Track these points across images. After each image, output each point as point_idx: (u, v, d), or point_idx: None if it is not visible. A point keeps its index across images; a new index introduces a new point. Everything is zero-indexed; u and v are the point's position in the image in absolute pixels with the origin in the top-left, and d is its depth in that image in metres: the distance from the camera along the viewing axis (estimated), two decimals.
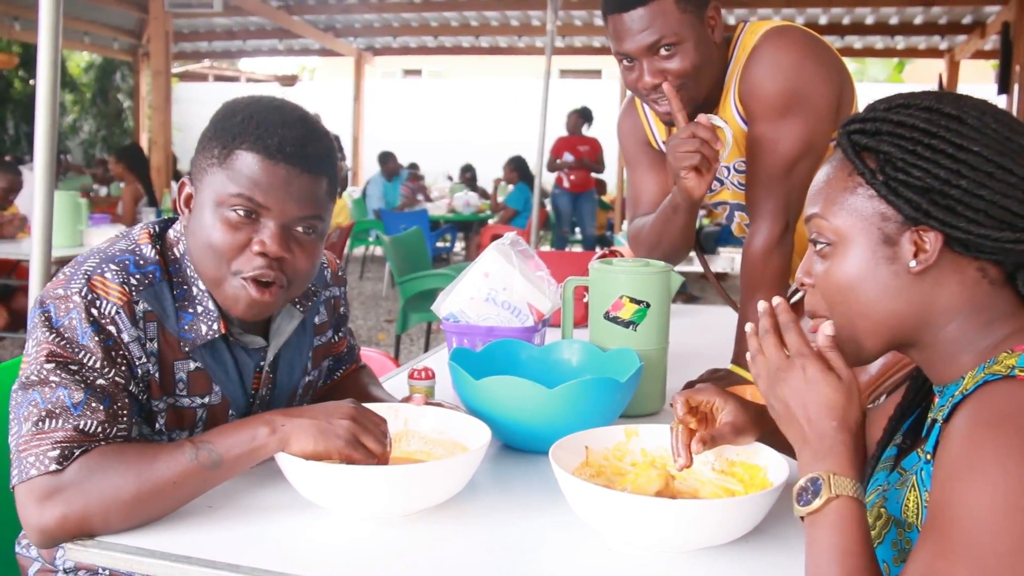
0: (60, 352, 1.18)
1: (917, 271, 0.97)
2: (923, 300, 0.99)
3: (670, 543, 1.12)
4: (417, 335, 6.67)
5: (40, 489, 1.12)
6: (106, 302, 1.21)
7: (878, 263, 0.99)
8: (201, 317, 1.30)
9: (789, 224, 1.81)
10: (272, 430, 1.20)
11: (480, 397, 1.42)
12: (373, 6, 10.86)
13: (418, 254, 5.66)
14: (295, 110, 1.30)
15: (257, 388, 1.41)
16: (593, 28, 11.39)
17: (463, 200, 10.43)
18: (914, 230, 0.97)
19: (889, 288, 0.99)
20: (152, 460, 1.16)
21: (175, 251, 1.33)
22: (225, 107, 1.31)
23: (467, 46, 13.05)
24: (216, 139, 1.27)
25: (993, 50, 10.28)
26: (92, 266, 1.25)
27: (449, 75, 20.81)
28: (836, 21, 10.40)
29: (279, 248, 1.25)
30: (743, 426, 1.23)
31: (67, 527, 1.12)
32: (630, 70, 1.76)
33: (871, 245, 0.99)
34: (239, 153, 1.24)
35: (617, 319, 1.68)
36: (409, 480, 1.19)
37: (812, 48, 1.78)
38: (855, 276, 1.00)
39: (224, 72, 18.55)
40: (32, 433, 1.15)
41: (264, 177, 1.23)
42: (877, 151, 0.98)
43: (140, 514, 1.15)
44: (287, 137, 1.25)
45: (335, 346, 1.60)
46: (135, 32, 11.74)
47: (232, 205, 1.24)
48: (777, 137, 1.77)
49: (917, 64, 15.79)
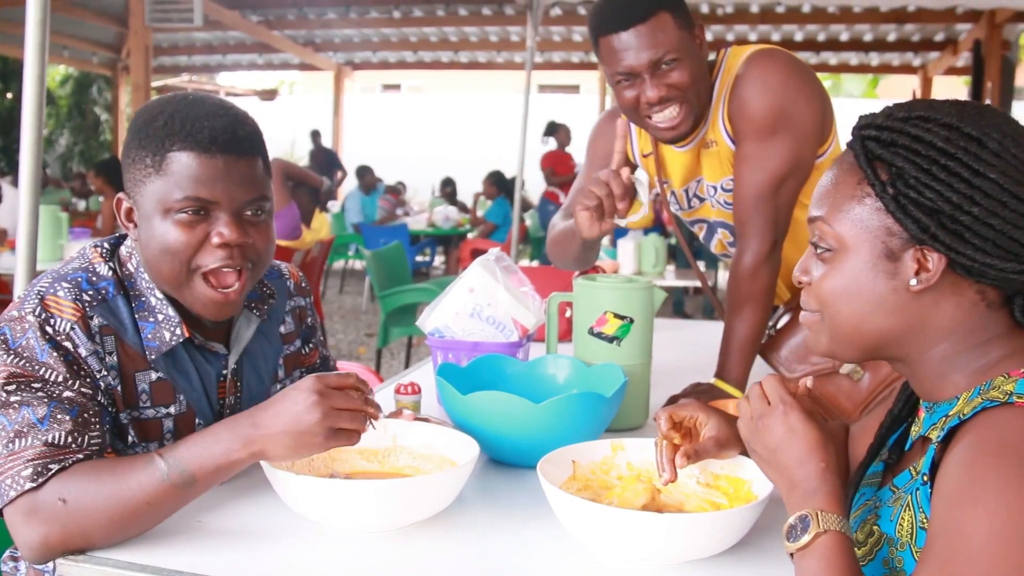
0: (20, 372, 1.19)
1: (917, 290, 0.97)
2: (917, 318, 0.99)
3: (657, 556, 1.13)
4: (397, 349, 6.67)
5: (22, 508, 1.13)
6: (60, 319, 1.22)
7: (877, 277, 0.98)
8: (163, 324, 1.31)
9: (777, 242, 1.84)
10: (244, 444, 1.17)
11: (467, 412, 1.43)
12: (353, 21, 10.88)
13: (399, 268, 5.67)
14: (213, 100, 1.31)
15: (223, 396, 1.41)
16: (571, 44, 11.48)
17: (443, 214, 10.44)
18: (918, 248, 0.96)
19: (885, 303, 0.99)
20: (123, 480, 1.15)
21: (128, 266, 1.34)
22: (140, 113, 1.30)
23: (446, 61, 13.10)
24: (145, 147, 1.26)
25: (965, 67, 10.44)
26: (45, 286, 1.26)
27: (428, 90, 20.86)
28: (811, 38, 10.54)
29: (238, 235, 1.26)
30: (726, 440, 1.25)
31: (51, 544, 1.13)
32: (629, 88, 1.78)
33: (872, 258, 0.98)
34: (173, 155, 1.24)
35: (601, 334, 1.70)
36: (398, 494, 1.20)
37: (798, 70, 1.83)
38: (852, 286, 1.00)
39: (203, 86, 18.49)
40: (4, 456, 1.15)
41: (204, 172, 1.24)
42: (890, 164, 0.96)
43: (118, 532, 1.15)
44: (216, 127, 1.25)
45: (306, 357, 1.59)
46: (114, 46, 11.70)
47: (180, 208, 1.24)
48: (765, 156, 1.80)
49: (891, 80, 15.99)
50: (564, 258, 2.09)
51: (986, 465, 0.85)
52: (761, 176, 1.81)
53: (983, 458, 0.86)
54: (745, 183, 1.83)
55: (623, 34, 1.73)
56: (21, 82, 2.06)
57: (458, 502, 1.31)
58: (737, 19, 9.66)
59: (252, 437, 1.17)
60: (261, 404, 1.21)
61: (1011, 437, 0.86)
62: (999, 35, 8.51)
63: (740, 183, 1.85)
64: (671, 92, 1.76)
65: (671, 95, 1.76)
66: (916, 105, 1.00)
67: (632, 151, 2.10)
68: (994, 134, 0.94)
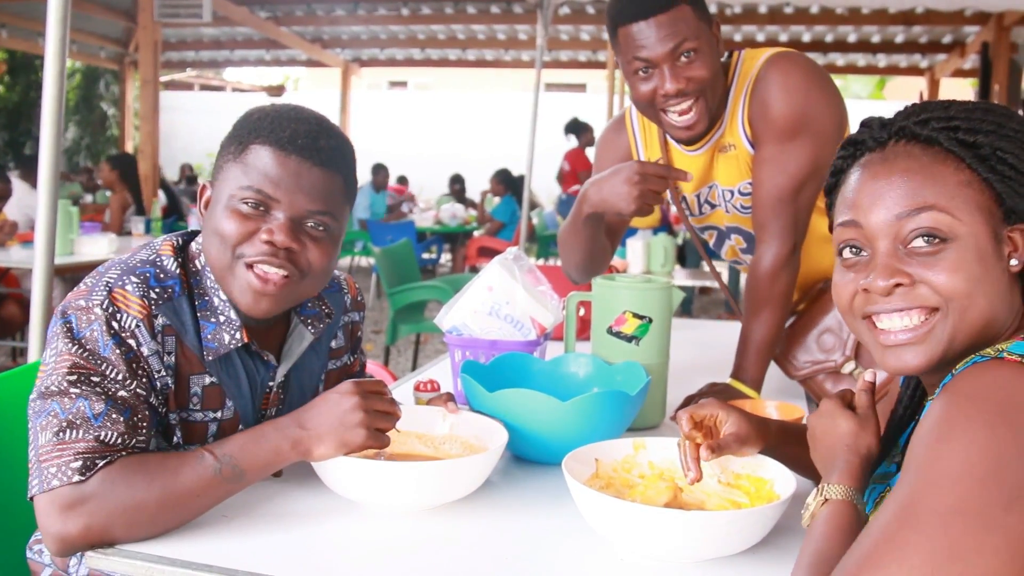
0: (82, 363, 1.19)
1: (1017, 269, 0.98)
2: (1011, 301, 0.99)
3: (680, 553, 1.14)
4: (404, 347, 6.68)
5: (63, 499, 1.14)
6: (127, 315, 1.23)
7: (993, 260, 0.97)
8: (224, 327, 1.32)
9: (797, 244, 1.85)
10: (293, 445, 1.22)
11: (494, 408, 1.45)
12: (361, 18, 10.91)
13: (407, 266, 5.68)
14: (312, 111, 1.34)
15: (266, 407, 1.43)
16: (579, 42, 11.48)
17: (449, 212, 10.46)
18: (1010, 228, 0.97)
19: (1000, 286, 0.97)
20: (175, 472, 1.17)
21: (196, 263, 1.34)
22: (247, 112, 1.35)
23: (454, 59, 13.12)
24: (233, 138, 1.31)
25: (972, 69, 10.44)
26: (113, 278, 1.26)
27: (435, 87, 20.88)
28: (819, 39, 10.54)
29: (286, 238, 1.26)
30: (746, 437, 1.26)
31: (90, 537, 1.13)
32: (646, 80, 1.77)
33: (987, 241, 0.96)
34: (253, 147, 1.27)
35: (620, 334, 1.71)
36: (429, 475, 1.26)
37: (818, 74, 1.83)
38: (980, 272, 0.96)
39: (210, 81, 18.53)
40: (53, 444, 1.16)
41: (275, 169, 1.26)
42: (983, 145, 0.96)
43: (161, 524, 1.17)
44: (299, 130, 1.28)
45: (350, 368, 1.62)
46: (122, 41, 11.73)
47: (243, 198, 1.26)
48: (786, 159, 1.81)
49: (898, 81, 16.01)
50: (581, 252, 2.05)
51: (961, 406, 0.87)
52: (782, 179, 1.81)
53: (959, 400, 0.88)
54: (765, 186, 1.84)
55: (643, 23, 1.72)
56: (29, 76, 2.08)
57: (485, 493, 1.34)
58: (745, 19, 9.66)
59: (299, 437, 1.22)
60: (304, 407, 1.27)
61: (989, 383, 0.88)
62: (1007, 38, 8.51)
63: (760, 186, 1.85)
64: (689, 85, 1.75)
65: (689, 88, 1.75)
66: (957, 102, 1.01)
67: (637, 149, 2.08)
68: None
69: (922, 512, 0.83)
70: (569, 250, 2.08)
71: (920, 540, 0.82)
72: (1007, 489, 0.81)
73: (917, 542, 0.82)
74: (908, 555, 0.81)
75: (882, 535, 0.85)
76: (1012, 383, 0.87)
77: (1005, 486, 0.81)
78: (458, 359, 1.87)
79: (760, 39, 10.22)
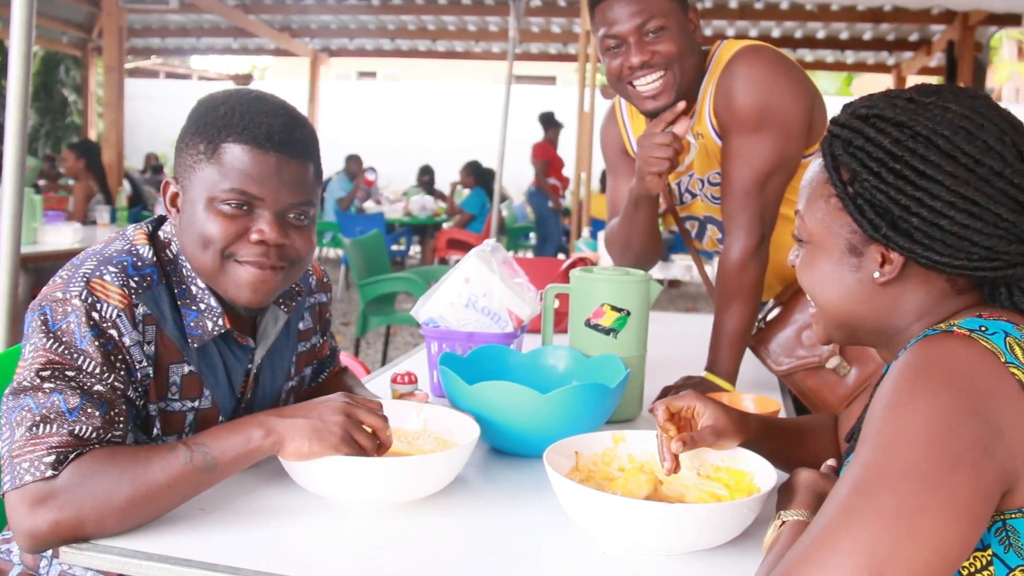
0: (56, 359, 1.17)
1: (881, 282, 1.03)
2: (887, 306, 1.04)
3: (662, 545, 1.14)
4: (374, 339, 6.65)
5: (33, 494, 1.11)
6: (107, 305, 1.20)
7: (842, 269, 1.05)
8: (205, 314, 1.30)
9: (764, 236, 1.85)
10: (266, 432, 1.20)
11: (473, 401, 1.44)
12: (330, 7, 10.80)
13: (378, 257, 5.64)
14: (274, 99, 1.31)
15: (244, 391, 1.41)
16: (549, 35, 11.46)
17: (419, 204, 10.40)
18: (875, 245, 1.01)
19: (852, 292, 1.05)
20: (146, 463, 1.15)
21: (169, 251, 1.32)
22: (203, 102, 1.31)
23: (424, 50, 13.04)
24: (200, 135, 1.26)
25: (938, 67, 10.57)
26: (91, 268, 1.23)
27: (404, 78, 20.76)
28: (789, 35, 10.61)
29: (277, 235, 1.26)
30: (723, 430, 1.26)
31: (60, 532, 1.11)
32: (616, 56, 1.82)
33: (838, 253, 1.05)
34: (227, 146, 1.24)
35: (598, 326, 1.71)
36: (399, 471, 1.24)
37: (784, 67, 1.84)
38: (822, 277, 1.08)
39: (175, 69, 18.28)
40: (26, 439, 1.13)
41: (255, 167, 1.24)
42: (848, 165, 1.01)
43: (134, 517, 1.14)
44: (274, 125, 1.26)
45: (319, 351, 1.60)
46: (84, 26, 11.51)
47: (225, 200, 1.24)
48: (751, 151, 1.82)
49: (865, 78, 16.16)
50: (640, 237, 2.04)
51: (909, 376, 0.91)
52: (746, 172, 1.83)
53: (908, 371, 0.92)
54: (731, 178, 1.85)
55: (615, 1, 1.78)
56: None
57: (463, 487, 1.33)
58: (715, 14, 9.70)
59: (274, 425, 1.20)
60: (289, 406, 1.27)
61: (936, 353, 0.92)
62: (972, 37, 8.64)
63: (727, 179, 1.87)
64: (654, 58, 1.79)
65: (654, 61, 1.79)
66: (878, 100, 1.03)
67: (628, 138, 2.11)
68: (945, 131, 0.96)
69: (872, 478, 0.87)
70: (627, 243, 2.07)
71: (870, 504, 0.85)
72: (951, 452, 0.85)
73: (867, 506, 0.85)
74: (859, 519, 0.85)
75: (836, 504, 0.88)
76: (957, 352, 0.91)
77: (949, 449, 0.85)
78: (435, 351, 1.86)
79: (730, 34, 10.25)
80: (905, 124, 0.97)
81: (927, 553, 0.82)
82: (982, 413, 0.86)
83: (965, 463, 0.84)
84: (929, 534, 0.83)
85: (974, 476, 0.84)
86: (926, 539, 0.82)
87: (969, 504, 0.84)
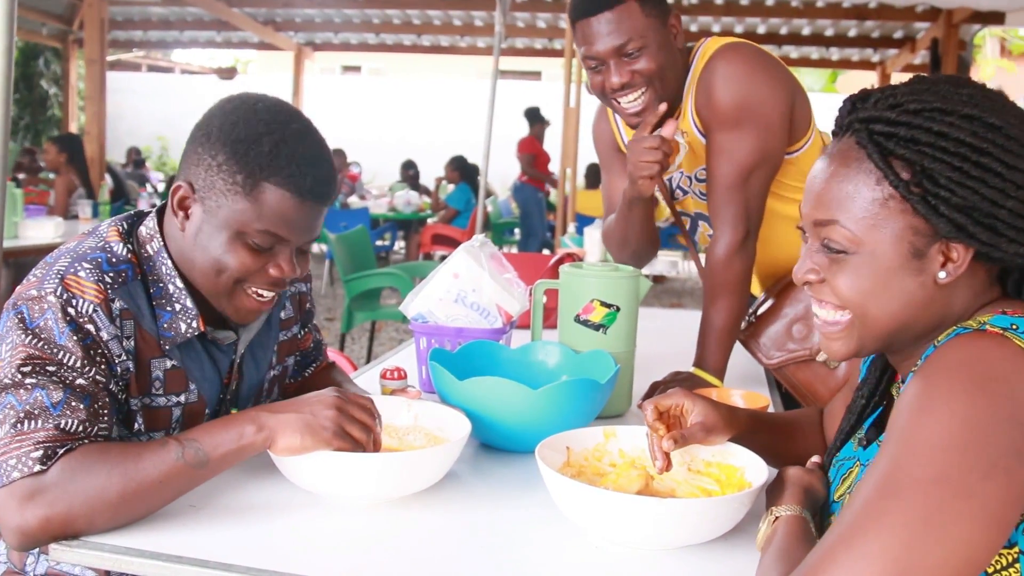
0: (37, 354, 1.16)
1: (945, 282, 0.98)
2: (943, 306, 1.00)
3: (656, 540, 1.15)
4: (359, 334, 6.63)
5: (22, 490, 1.10)
6: (82, 300, 1.19)
7: (904, 275, 0.98)
8: (180, 315, 1.29)
9: (750, 231, 1.86)
10: (258, 427, 1.20)
11: (464, 397, 1.43)
12: (315, 1, 10.74)
13: (363, 253, 5.62)
14: (315, 136, 1.29)
15: (228, 383, 1.41)
16: (535, 30, 11.44)
17: (404, 199, 10.37)
18: (943, 242, 0.96)
19: (915, 298, 0.99)
20: (137, 459, 1.14)
21: (148, 248, 1.31)
22: (238, 123, 1.24)
23: (408, 44, 12.99)
24: (238, 163, 1.23)
25: (923, 64, 10.62)
26: (64, 265, 1.22)
27: (389, 72, 20.69)
28: (774, 31, 10.64)
29: (293, 270, 1.29)
30: (713, 426, 1.26)
31: (50, 528, 1.10)
32: (597, 73, 1.83)
33: (899, 259, 0.97)
34: (268, 187, 1.23)
35: (588, 322, 1.71)
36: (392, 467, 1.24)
37: (762, 63, 1.85)
38: (876, 288, 0.99)
39: (158, 62, 18.15)
40: (11, 436, 1.12)
41: (293, 214, 1.25)
42: (914, 163, 0.94)
43: (124, 514, 1.14)
44: (318, 177, 1.26)
45: (301, 342, 1.60)
46: (65, 18, 11.39)
47: (256, 238, 1.25)
48: (733, 147, 1.83)
49: (850, 75, 16.23)
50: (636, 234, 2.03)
51: (941, 378, 0.89)
52: (729, 168, 1.84)
53: (939, 372, 0.90)
54: (715, 175, 1.86)
55: (591, 20, 1.77)
56: None
57: (454, 483, 1.32)
58: (701, 10, 9.71)
59: (265, 421, 1.20)
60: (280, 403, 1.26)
61: (969, 355, 0.90)
62: (956, 34, 8.68)
63: (711, 175, 1.88)
64: (634, 78, 1.79)
65: (634, 81, 1.80)
66: (921, 92, 0.97)
67: (619, 135, 2.12)
68: (1011, 119, 0.95)
69: (902, 481, 0.85)
70: (625, 240, 2.07)
71: (900, 507, 0.84)
72: (985, 458, 0.83)
73: (897, 509, 0.84)
74: (888, 522, 0.84)
75: (863, 505, 0.87)
76: (991, 354, 0.90)
77: (983, 455, 0.84)
78: (423, 347, 1.86)
79: (716, 30, 10.27)
80: (975, 116, 0.94)
81: (956, 560, 0.82)
82: (1018, 418, 0.85)
83: (999, 470, 0.83)
84: (960, 540, 0.82)
85: (1007, 483, 0.83)
86: (956, 545, 0.82)
87: (1002, 510, 0.83)
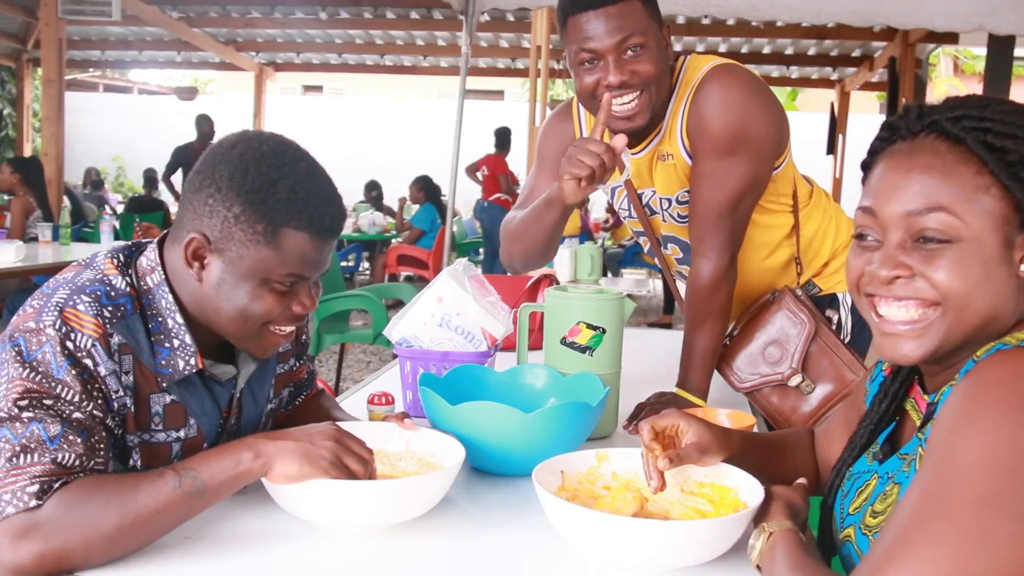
0: (35, 387, 1.13)
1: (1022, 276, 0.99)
2: (1017, 303, 1.00)
3: (655, 563, 1.15)
4: (326, 357, 6.57)
5: (16, 527, 1.07)
6: (81, 335, 1.17)
7: (998, 266, 0.98)
8: (178, 352, 1.27)
9: (734, 256, 1.87)
10: (255, 454, 1.19)
11: (456, 422, 1.43)
12: (276, 21, 10.70)
13: (331, 275, 5.58)
14: (326, 175, 1.32)
15: (227, 418, 1.39)
16: (498, 49, 11.51)
17: (368, 219, 10.32)
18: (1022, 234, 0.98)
19: (1004, 290, 0.99)
20: (134, 490, 1.12)
21: (148, 280, 1.29)
22: (252, 171, 1.23)
23: (371, 64, 12.99)
24: (257, 214, 1.22)
25: (880, 82, 10.85)
26: (63, 297, 1.20)
27: (350, 92, 20.64)
28: (735, 50, 10.80)
29: (314, 304, 1.31)
30: (707, 446, 1.27)
31: (45, 565, 1.07)
32: (591, 71, 1.75)
33: (996, 246, 0.97)
34: (289, 232, 1.23)
35: (574, 344, 1.71)
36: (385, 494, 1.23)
37: (758, 88, 1.84)
38: (977, 279, 0.98)
39: (115, 82, 17.94)
40: (6, 470, 1.09)
41: (314, 255, 1.27)
42: (1013, 152, 0.96)
43: (122, 546, 1.11)
44: (335, 215, 1.29)
45: (295, 373, 1.58)
46: (19, 36, 11.22)
47: (279, 281, 1.26)
48: (725, 175, 1.81)
49: (809, 93, 16.50)
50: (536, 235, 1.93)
51: (986, 395, 0.89)
52: (720, 195, 1.82)
53: (984, 389, 0.90)
54: (704, 201, 1.84)
55: (591, 14, 1.71)
56: None
57: (449, 508, 1.32)
58: None
59: (263, 448, 1.19)
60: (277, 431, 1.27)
61: (1014, 372, 0.90)
62: (912, 53, 8.88)
63: (698, 201, 1.85)
64: (633, 78, 1.73)
65: (633, 81, 1.73)
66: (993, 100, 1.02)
67: None
68: None
69: (951, 500, 0.85)
70: (523, 236, 1.97)
71: (950, 528, 0.84)
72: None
73: (947, 530, 0.84)
74: (938, 543, 0.84)
75: (910, 523, 0.86)
76: None
77: None
78: (408, 371, 1.85)
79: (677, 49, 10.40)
80: None
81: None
82: None
83: None
84: (1011, 560, 0.82)
85: None
86: (1006, 564, 0.82)
87: None
